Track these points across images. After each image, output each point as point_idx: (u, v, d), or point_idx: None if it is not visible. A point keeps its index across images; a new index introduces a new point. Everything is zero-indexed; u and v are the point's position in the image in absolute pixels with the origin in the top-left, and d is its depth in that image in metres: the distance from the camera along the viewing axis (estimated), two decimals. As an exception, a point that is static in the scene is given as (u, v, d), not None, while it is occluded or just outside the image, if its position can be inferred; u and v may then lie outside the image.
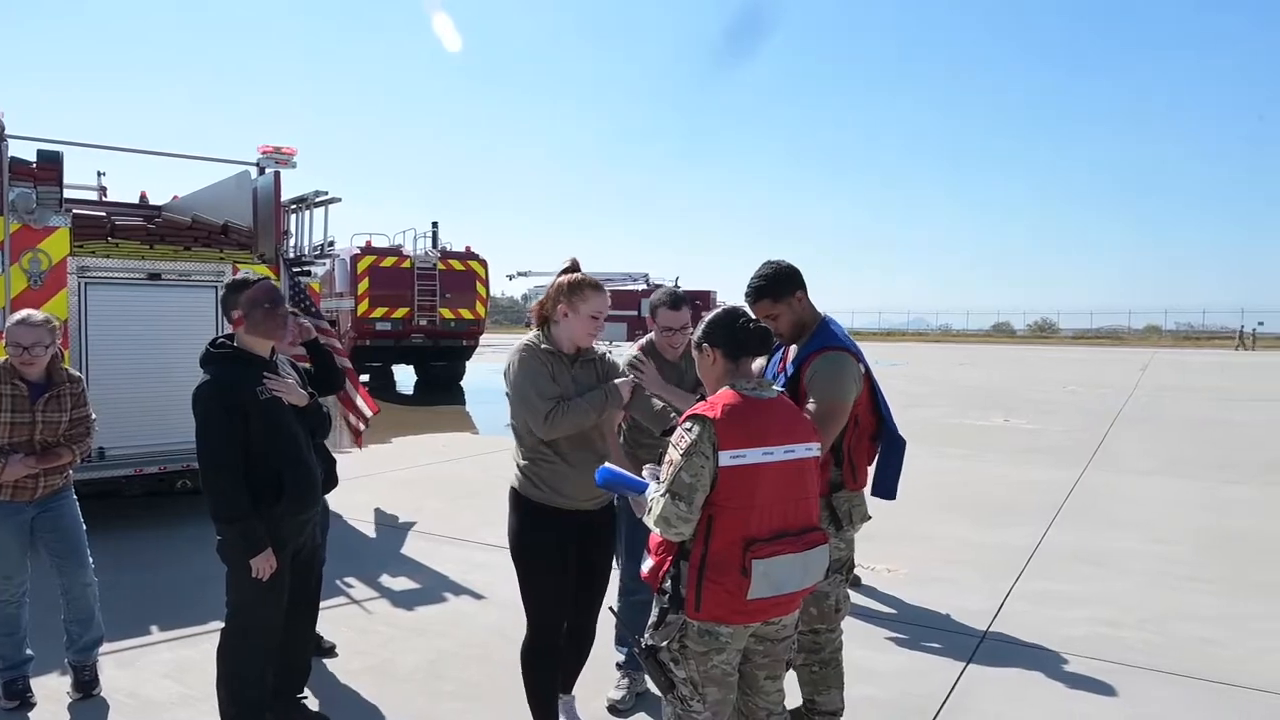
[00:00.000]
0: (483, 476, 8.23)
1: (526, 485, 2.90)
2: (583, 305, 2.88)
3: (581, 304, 2.87)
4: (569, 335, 2.90)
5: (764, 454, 2.26)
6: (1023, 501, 7.32)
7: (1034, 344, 47.43)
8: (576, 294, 2.88)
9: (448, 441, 10.61)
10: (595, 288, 2.86)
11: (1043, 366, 26.50)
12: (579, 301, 2.88)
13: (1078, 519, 6.84)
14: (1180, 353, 35.92)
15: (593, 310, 2.86)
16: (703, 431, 2.25)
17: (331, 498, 7.69)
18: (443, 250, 17.83)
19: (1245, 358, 32.36)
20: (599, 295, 2.86)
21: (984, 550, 5.92)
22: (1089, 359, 30.85)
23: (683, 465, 2.24)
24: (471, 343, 17.75)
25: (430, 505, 7.08)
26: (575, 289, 2.87)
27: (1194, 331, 54.69)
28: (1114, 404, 15.34)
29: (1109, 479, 8.42)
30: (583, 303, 2.87)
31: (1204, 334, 53.30)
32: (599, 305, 2.87)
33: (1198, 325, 57.24)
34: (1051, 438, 10.98)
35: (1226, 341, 45.02)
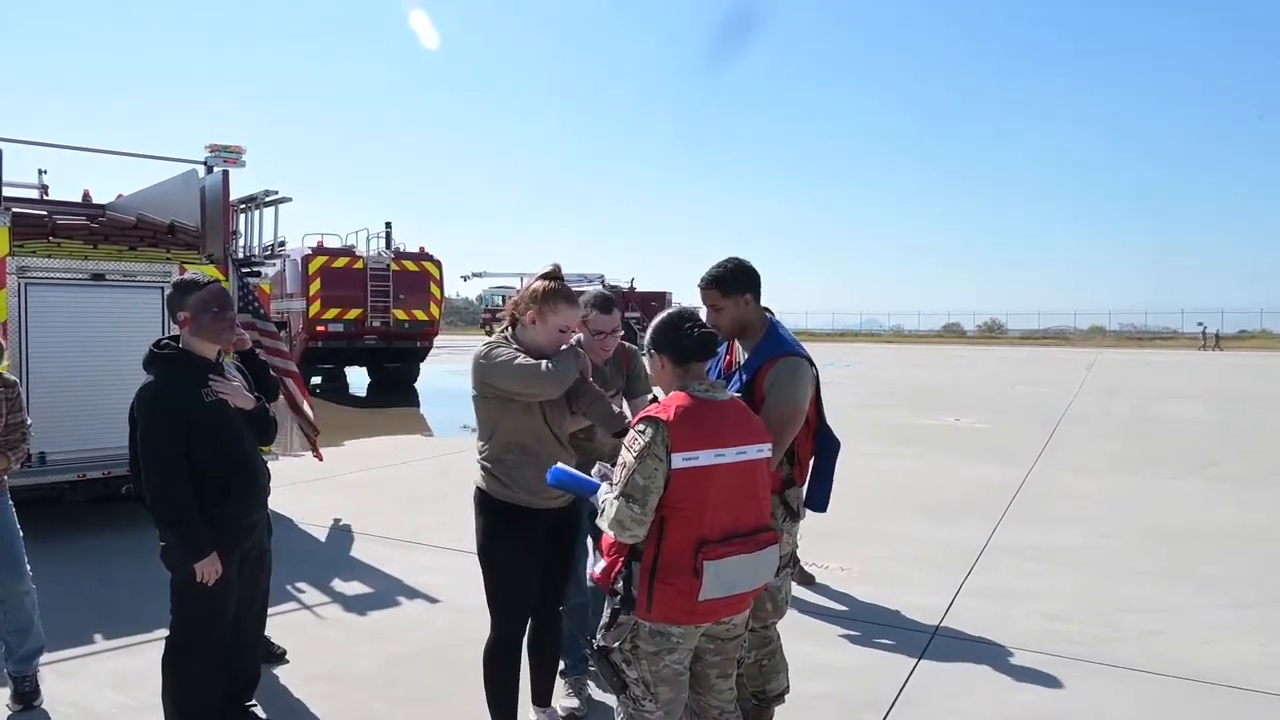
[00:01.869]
0: (437, 479, 8.10)
1: (493, 484, 2.86)
2: (552, 316, 2.83)
3: (551, 315, 2.83)
4: (534, 342, 2.86)
5: (716, 455, 2.25)
6: (974, 499, 7.38)
7: (983, 344, 47.97)
8: (548, 303, 2.83)
9: (401, 444, 10.49)
10: (569, 300, 2.82)
11: (992, 366, 26.80)
12: (549, 312, 2.83)
13: (1026, 515, 6.87)
14: (1137, 353, 36.39)
15: (561, 323, 2.81)
16: (656, 434, 2.24)
17: (283, 501, 7.38)
18: (396, 251, 17.54)
19: (1207, 357, 32.97)
20: (571, 309, 2.82)
21: (935, 547, 5.97)
22: (1037, 359, 31.29)
23: (636, 468, 2.23)
24: (426, 344, 17.51)
25: (383, 508, 6.95)
26: (548, 298, 2.82)
27: (1137, 332, 55.86)
28: (1061, 403, 15.56)
29: (1056, 476, 8.51)
30: (553, 314, 2.82)
31: (1146, 334, 54.44)
32: (568, 318, 2.81)
33: (1140, 326, 58.39)
34: (1001, 436, 10.96)
35: (1185, 342, 45.93)
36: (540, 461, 2.78)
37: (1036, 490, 7.71)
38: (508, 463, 2.83)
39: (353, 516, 6.71)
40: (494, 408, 2.83)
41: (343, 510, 6.89)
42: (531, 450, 2.81)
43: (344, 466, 8.66)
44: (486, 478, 2.86)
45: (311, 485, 7.67)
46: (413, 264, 17.30)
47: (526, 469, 2.81)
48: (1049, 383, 19.38)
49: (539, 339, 2.82)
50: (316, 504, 7.03)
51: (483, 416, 2.85)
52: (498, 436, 2.82)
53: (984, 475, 8.33)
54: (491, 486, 2.86)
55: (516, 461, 2.82)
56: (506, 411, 2.80)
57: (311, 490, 7.50)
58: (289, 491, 7.76)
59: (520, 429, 2.81)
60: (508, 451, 2.82)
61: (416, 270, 17.25)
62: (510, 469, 2.82)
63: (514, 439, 2.82)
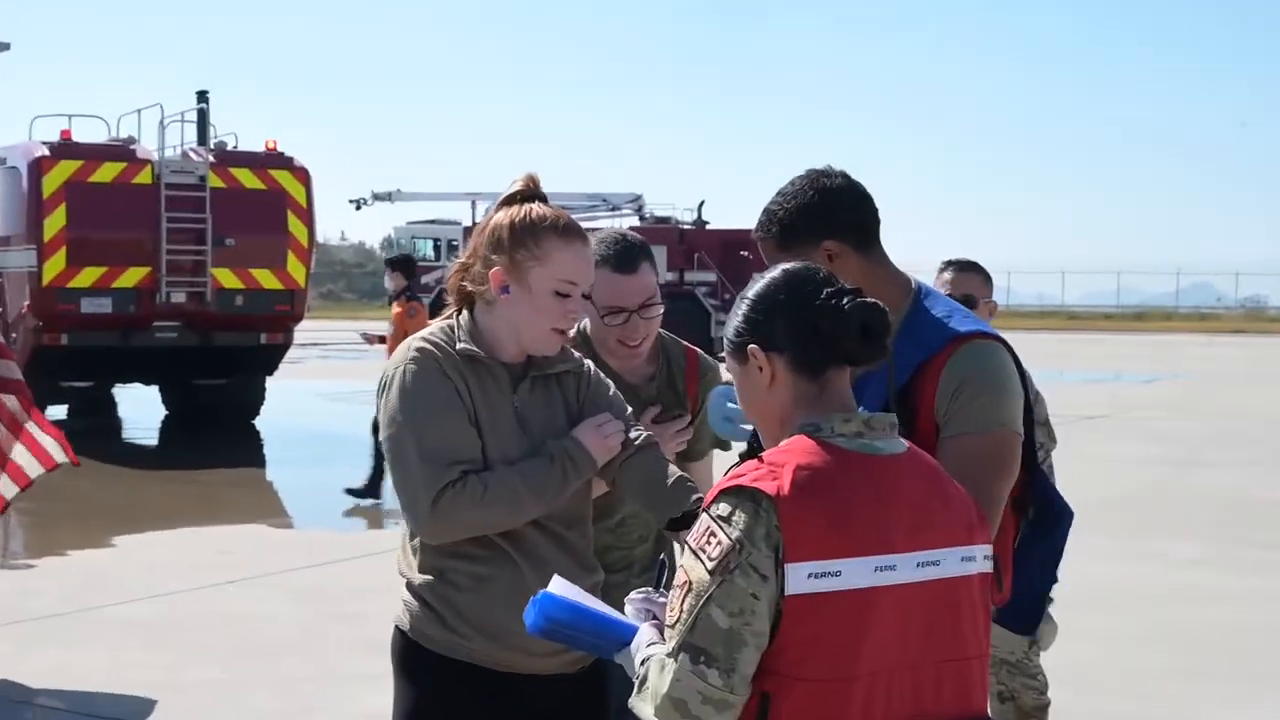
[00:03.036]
0: (301, 616, 6.81)
1: (425, 620, 2.44)
2: (544, 268, 2.42)
3: (540, 265, 2.42)
4: (515, 327, 2.45)
5: (880, 570, 1.84)
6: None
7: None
8: (533, 243, 2.42)
9: (231, 546, 8.62)
10: (569, 234, 2.46)
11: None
12: (536, 261, 2.41)
13: None
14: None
15: (565, 276, 2.44)
16: (754, 522, 1.82)
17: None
18: (219, 150, 13.93)
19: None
20: (579, 249, 2.47)
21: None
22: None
23: (713, 595, 1.82)
24: (277, 337, 13.90)
25: (191, 676, 5.77)
26: (532, 234, 2.43)
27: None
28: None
29: None
30: (540, 264, 2.42)
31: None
32: (577, 269, 2.46)
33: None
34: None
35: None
36: (516, 576, 2.38)
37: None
38: (453, 578, 2.42)
39: (127, 689, 5.47)
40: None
41: (108, 675, 5.63)
42: (499, 554, 2.41)
43: (116, 591, 7.24)
44: (414, 608, 2.47)
45: (49, 626, 6.47)
46: (252, 175, 13.48)
47: (490, 591, 2.39)
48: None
49: (528, 319, 2.42)
50: (56, 661, 5.90)
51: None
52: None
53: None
54: (422, 624, 2.46)
55: (471, 576, 2.41)
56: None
57: (53, 632, 6.36)
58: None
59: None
60: (454, 556, 2.41)
61: (260, 188, 13.42)
62: (457, 591, 2.42)
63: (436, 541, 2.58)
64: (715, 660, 1.84)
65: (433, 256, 32.85)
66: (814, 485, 1.87)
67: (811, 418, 1.96)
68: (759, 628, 1.84)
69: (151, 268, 12.54)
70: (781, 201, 2.52)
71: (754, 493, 1.85)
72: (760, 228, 2.56)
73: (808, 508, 1.85)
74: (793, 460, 1.88)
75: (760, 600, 1.83)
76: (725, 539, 1.83)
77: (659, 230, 28.92)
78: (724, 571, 1.84)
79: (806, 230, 2.48)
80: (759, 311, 2.01)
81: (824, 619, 1.85)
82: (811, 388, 1.98)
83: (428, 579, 2.47)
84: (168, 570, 7.82)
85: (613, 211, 29.91)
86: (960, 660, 1.99)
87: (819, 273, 2.05)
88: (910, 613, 1.92)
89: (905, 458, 2.00)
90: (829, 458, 1.90)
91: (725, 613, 1.84)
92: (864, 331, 1.95)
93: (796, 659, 1.85)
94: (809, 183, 2.52)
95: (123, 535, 8.89)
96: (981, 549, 2.03)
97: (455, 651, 2.44)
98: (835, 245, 2.47)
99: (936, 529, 1.96)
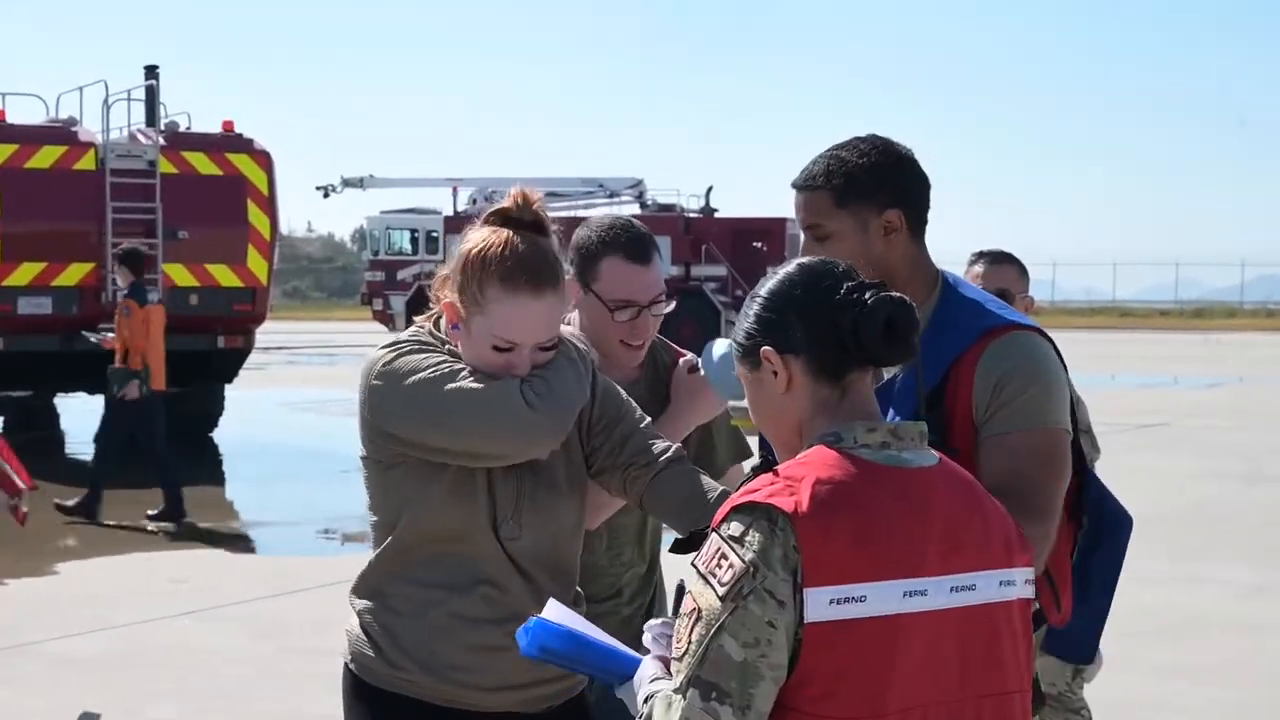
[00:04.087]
0: (263, 651, 6.74)
1: (367, 653, 2.45)
2: (484, 318, 2.37)
3: (480, 314, 2.38)
4: (471, 362, 2.42)
5: (907, 594, 1.85)
6: None
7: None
8: (476, 287, 2.38)
9: (186, 572, 8.58)
10: (515, 283, 2.37)
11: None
12: (476, 307, 2.38)
13: None
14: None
15: (501, 333, 2.40)
16: (770, 542, 1.82)
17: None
18: (170, 132, 13.89)
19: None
20: (525, 302, 2.39)
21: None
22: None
23: (725, 623, 1.82)
24: (236, 340, 13.91)
25: (142, 718, 5.74)
26: (477, 276, 2.39)
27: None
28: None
29: None
30: (484, 311, 2.37)
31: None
32: (519, 327, 2.41)
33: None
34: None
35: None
36: (473, 602, 2.39)
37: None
38: (397, 604, 2.44)
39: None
40: (400, 482, 2.47)
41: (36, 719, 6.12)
42: (464, 575, 2.41)
43: (50, 625, 7.14)
44: (355, 637, 2.50)
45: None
46: (207, 159, 13.41)
47: (438, 617, 2.38)
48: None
49: (470, 362, 2.45)
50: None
51: (378, 499, 2.53)
52: (390, 548, 2.47)
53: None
54: (361, 655, 2.47)
55: (420, 601, 2.42)
56: (426, 489, 2.44)
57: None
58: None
59: (444, 528, 2.44)
60: (404, 579, 2.43)
61: (216, 174, 13.43)
62: (398, 616, 2.43)
63: (424, 551, 2.45)
64: (728, 696, 1.84)
65: (409, 250, 32.96)
66: (836, 501, 1.87)
67: (832, 427, 1.97)
68: (776, 660, 1.84)
69: (96, 263, 12.41)
70: (849, 155, 2.51)
71: (769, 509, 1.85)
72: (814, 177, 2.53)
73: (829, 526, 1.85)
74: (812, 473, 1.88)
75: (777, 629, 1.83)
76: (738, 561, 1.84)
77: (662, 219, 28.83)
78: (737, 597, 1.84)
79: (874, 190, 2.49)
80: (773, 310, 2.02)
81: (848, 650, 1.86)
82: (832, 393, 1.99)
83: (368, 604, 2.49)
84: (115, 600, 7.79)
85: (611, 198, 29.82)
86: (1000, 695, 1.99)
87: (838, 266, 2.05)
88: (943, 643, 1.92)
89: (937, 470, 2.00)
90: (852, 470, 1.91)
91: (739, 643, 1.84)
92: (889, 328, 1.95)
93: (818, 695, 1.85)
94: (883, 144, 2.54)
95: (65, 561, 8.88)
96: (1022, 572, 2.03)
97: (392, 682, 2.44)
98: (897, 217, 2.48)
99: (972, 550, 1.97)
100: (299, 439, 15.68)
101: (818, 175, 2.50)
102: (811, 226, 2.55)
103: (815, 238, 2.54)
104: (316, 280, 62.15)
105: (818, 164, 2.54)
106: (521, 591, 2.45)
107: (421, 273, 32.88)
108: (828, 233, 2.52)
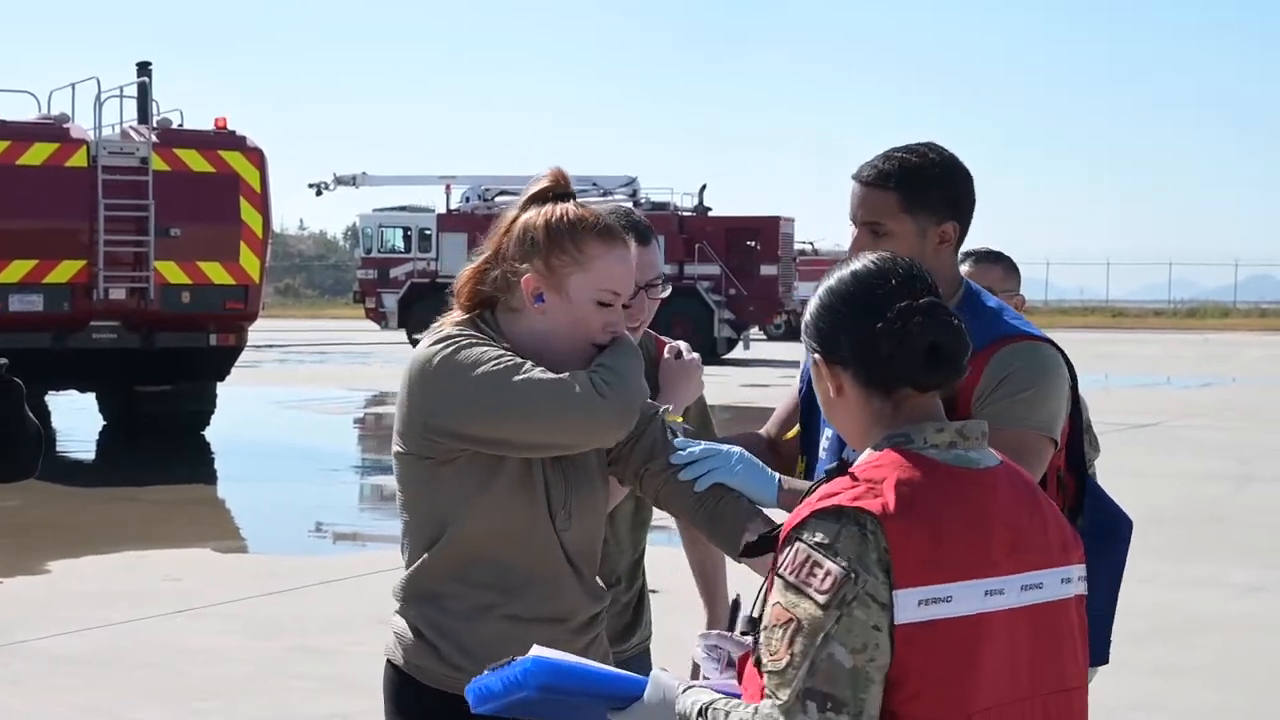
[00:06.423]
0: (258, 651, 6.61)
1: (418, 651, 2.46)
2: (585, 275, 2.42)
3: (581, 272, 2.42)
4: (545, 340, 2.46)
5: (988, 593, 1.88)
6: None
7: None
8: (573, 247, 2.42)
9: (176, 574, 8.46)
10: (611, 237, 2.47)
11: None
12: (576, 266, 2.41)
13: None
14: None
15: (608, 284, 2.45)
16: (864, 547, 1.82)
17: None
18: (163, 129, 13.87)
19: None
20: (622, 254, 2.48)
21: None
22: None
23: (832, 630, 1.80)
24: (228, 338, 13.86)
25: (134, 718, 5.64)
26: (572, 236, 2.43)
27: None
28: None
29: None
30: (582, 270, 2.41)
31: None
32: (623, 276, 2.49)
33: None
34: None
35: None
36: (529, 600, 2.43)
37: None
38: (452, 605, 2.45)
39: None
40: (456, 477, 2.44)
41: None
42: (520, 571, 2.44)
43: (41, 625, 7.04)
44: (405, 637, 2.50)
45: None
46: (199, 157, 13.40)
47: (495, 616, 2.41)
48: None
49: (557, 335, 2.46)
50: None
51: (425, 497, 2.49)
52: (446, 548, 2.44)
53: None
54: (413, 652, 2.48)
55: (474, 604, 2.43)
56: (487, 483, 2.43)
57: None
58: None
59: (506, 520, 2.43)
60: (457, 580, 2.44)
61: (209, 172, 13.40)
62: (455, 618, 2.44)
63: (480, 550, 2.45)
64: (844, 705, 1.84)
65: (402, 247, 32.91)
66: (918, 502, 1.87)
67: (898, 429, 1.97)
68: (882, 662, 1.85)
69: (87, 261, 12.43)
70: (923, 162, 2.59)
71: (857, 513, 1.84)
72: (886, 177, 2.58)
73: (914, 527, 1.86)
74: (891, 475, 1.89)
75: (882, 632, 1.84)
76: (836, 568, 1.83)
77: (656, 217, 28.64)
78: (840, 605, 1.84)
79: (940, 201, 2.59)
80: (824, 319, 2.02)
81: (936, 650, 1.87)
82: (884, 406, 1.99)
83: (420, 604, 2.49)
84: (107, 599, 7.73)
85: (604, 196, 29.74)
86: (1064, 692, 2.01)
87: (891, 278, 2.01)
88: (1016, 641, 1.94)
89: (1000, 470, 2.01)
90: (927, 472, 1.91)
91: (848, 650, 1.83)
92: (932, 355, 1.94)
93: (909, 696, 1.86)
94: (951, 157, 2.65)
95: (57, 560, 8.80)
96: (1077, 569, 2.05)
97: (446, 680, 2.43)
98: (952, 229, 2.60)
99: (1037, 548, 1.98)
100: (291, 437, 15.67)
101: (890, 175, 2.56)
102: (871, 223, 2.60)
103: (873, 233, 2.60)
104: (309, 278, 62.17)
105: (889, 163, 2.58)
106: (573, 584, 2.48)
107: (414, 270, 32.79)
108: (887, 231, 2.58)
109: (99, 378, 13.80)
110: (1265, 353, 34.98)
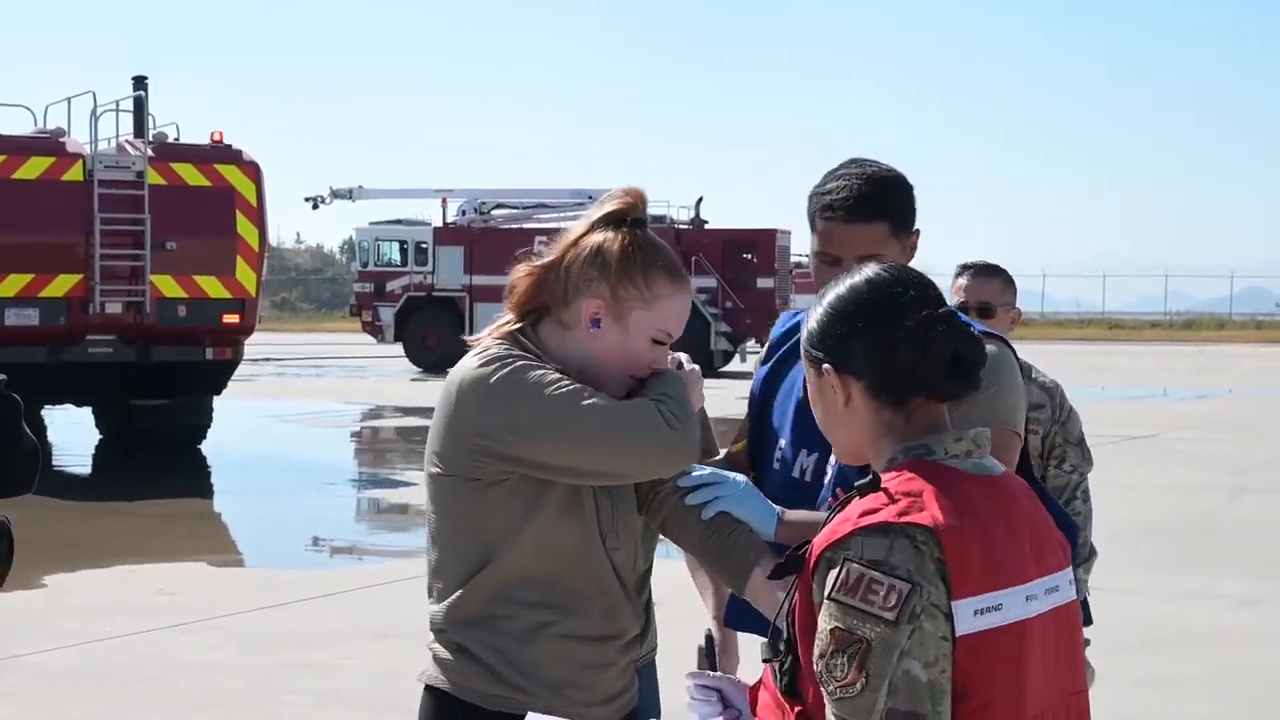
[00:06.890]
0: (253, 666, 6.60)
1: (467, 670, 2.41)
2: (649, 313, 2.42)
3: (646, 310, 2.42)
4: (590, 362, 2.43)
5: (1028, 599, 1.89)
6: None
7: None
8: (644, 282, 2.41)
9: (171, 588, 8.41)
10: (679, 279, 2.48)
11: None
12: (643, 303, 2.40)
13: None
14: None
15: (667, 326, 2.45)
16: (921, 559, 1.81)
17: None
18: (159, 143, 13.95)
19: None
20: (685, 297, 2.51)
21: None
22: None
23: (906, 647, 1.78)
24: (224, 351, 13.84)
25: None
26: (645, 272, 2.41)
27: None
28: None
29: None
30: (651, 306, 2.41)
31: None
32: (680, 319, 2.49)
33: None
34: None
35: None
36: (584, 620, 2.40)
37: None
38: (508, 626, 2.41)
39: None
40: (504, 499, 2.41)
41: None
42: (573, 592, 2.42)
43: (36, 639, 6.97)
44: (451, 662, 2.44)
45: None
46: (195, 171, 13.44)
47: (551, 637, 2.39)
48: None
49: (603, 362, 2.44)
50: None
51: (463, 522, 2.43)
52: (495, 569, 2.39)
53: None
54: (463, 675, 2.41)
55: (530, 624, 2.40)
56: (538, 504, 2.40)
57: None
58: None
59: (548, 549, 2.41)
60: (509, 600, 2.41)
61: (205, 185, 13.42)
62: (511, 639, 2.40)
63: (530, 571, 2.42)
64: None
65: (398, 261, 32.85)
66: (962, 513, 1.86)
67: (914, 440, 1.95)
68: (951, 674, 1.84)
69: (83, 274, 12.49)
70: (894, 183, 2.60)
71: (906, 528, 1.83)
72: (873, 209, 2.55)
73: (966, 538, 1.84)
74: (929, 488, 1.86)
75: (949, 643, 1.82)
76: (899, 583, 1.80)
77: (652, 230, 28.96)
78: (911, 619, 1.81)
79: (908, 212, 2.62)
80: (834, 326, 1.97)
81: (995, 660, 1.86)
82: (895, 416, 1.95)
83: (471, 627, 2.44)
84: (103, 613, 7.71)
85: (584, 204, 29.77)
86: (1079, 693, 2.03)
87: (910, 287, 1.98)
88: (1047, 644, 1.94)
89: (1011, 477, 2.03)
90: (957, 483, 1.90)
91: (922, 664, 1.81)
92: (954, 364, 1.92)
93: (975, 707, 1.84)
94: (889, 167, 2.65)
95: (51, 574, 8.73)
96: (1070, 574, 2.06)
97: (501, 701, 2.41)
98: (916, 238, 2.66)
99: (1051, 552, 1.99)
100: (287, 451, 15.64)
101: (874, 207, 2.56)
102: (872, 258, 2.52)
103: (857, 255, 2.59)
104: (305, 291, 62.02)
105: (865, 194, 2.56)
106: (624, 604, 2.47)
107: (410, 284, 32.62)
108: (871, 256, 2.58)
109: (95, 392, 13.82)
110: (1261, 364, 34.92)
